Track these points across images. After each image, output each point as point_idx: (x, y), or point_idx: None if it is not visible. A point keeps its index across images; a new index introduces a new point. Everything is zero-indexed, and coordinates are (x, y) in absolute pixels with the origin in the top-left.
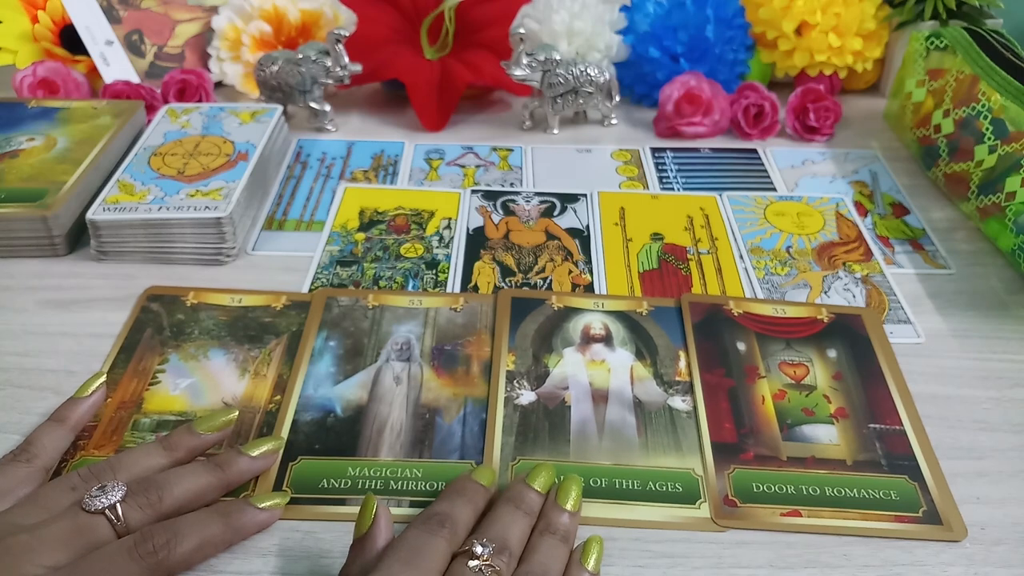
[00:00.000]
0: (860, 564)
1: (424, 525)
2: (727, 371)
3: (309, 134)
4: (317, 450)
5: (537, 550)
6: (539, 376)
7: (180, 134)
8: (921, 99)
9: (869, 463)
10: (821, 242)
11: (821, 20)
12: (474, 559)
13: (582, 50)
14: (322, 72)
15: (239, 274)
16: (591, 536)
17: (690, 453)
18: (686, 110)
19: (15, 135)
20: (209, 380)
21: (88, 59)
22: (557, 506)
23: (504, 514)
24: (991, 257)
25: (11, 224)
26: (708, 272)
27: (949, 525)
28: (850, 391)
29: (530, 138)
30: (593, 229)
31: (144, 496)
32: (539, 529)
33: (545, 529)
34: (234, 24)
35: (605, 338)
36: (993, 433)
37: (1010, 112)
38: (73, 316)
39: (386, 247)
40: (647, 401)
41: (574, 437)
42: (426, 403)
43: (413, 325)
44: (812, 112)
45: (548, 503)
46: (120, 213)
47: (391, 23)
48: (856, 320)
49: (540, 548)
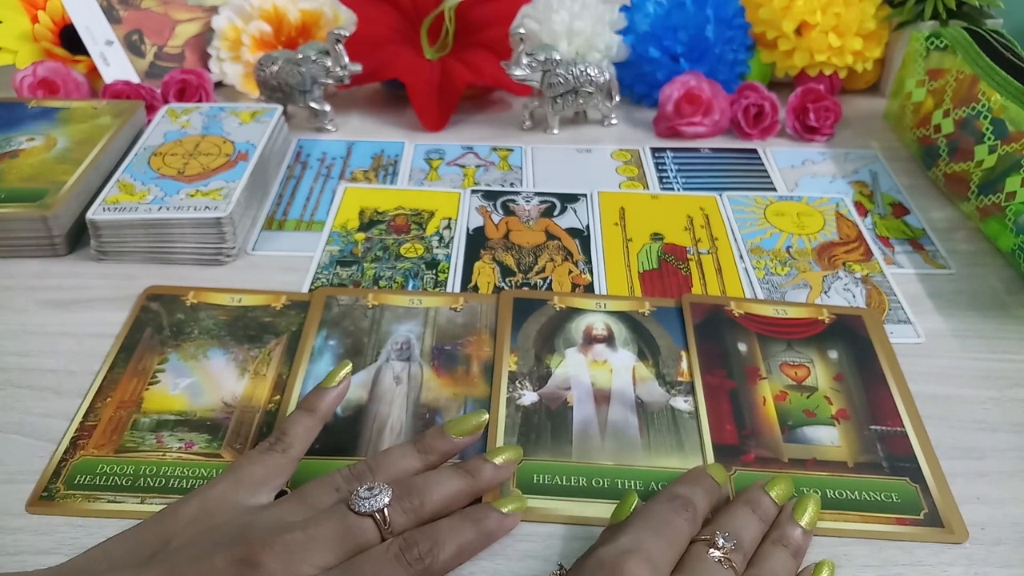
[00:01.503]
0: (860, 564)
1: (670, 504)
2: (728, 372)
3: (309, 134)
4: (317, 450)
5: (767, 559)
6: (541, 377)
7: (180, 134)
8: (921, 99)
9: (870, 465)
10: (821, 242)
11: (821, 20)
12: (715, 549)
13: (582, 50)
14: (322, 72)
15: (239, 274)
16: (824, 559)
17: (692, 454)
18: (686, 110)
19: (15, 135)
20: (209, 380)
21: (88, 59)
22: (793, 520)
23: (741, 514)
24: (991, 257)
25: (11, 224)
26: (708, 272)
27: (950, 528)
28: (851, 392)
29: (530, 138)
30: (593, 229)
31: (408, 500)
32: (772, 539)
33: (778, 540)
34: (234, 24)
35: (607, 338)
36: (993, 433)
37: (1010, 112)
38: (73, 316)
39: (386, 247)
40: (649, 402)
41: (576, 438)
42: (426, 403)
43: (413, 325)
44: (812, 112)
45: (784, 515)
46: (120, 213)
47: (391, 23)
48: (857, 321)
49: (771, 557)
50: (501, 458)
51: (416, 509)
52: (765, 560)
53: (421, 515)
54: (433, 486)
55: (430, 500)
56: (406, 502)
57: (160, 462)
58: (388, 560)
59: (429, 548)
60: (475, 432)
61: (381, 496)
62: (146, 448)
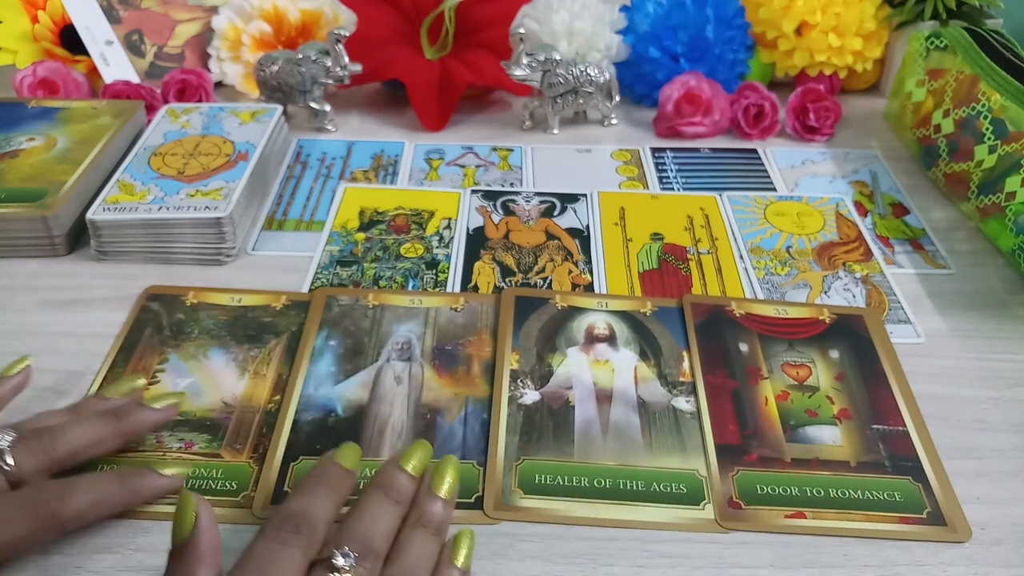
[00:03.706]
0: (860, 564)
1: (276, 533)
2: (730, 372)
3: (309, 134)
4: (318, 450)
5: (406, 548)
6: (543, 376)
7: (180, 134)
8: (921, 99)
9: (873, 464)
10: (821, 242)
11: (821, 20)
12: (335, 572)
13: (582, 50)
14: (322, 72)
15: (239, 274)
16: (462, 530)
17: (694, 454)
18: (686, 110)
19: (15, 135)
20: (209, 379)
21: (88, 59)
22: (431, 494)
23: (372, 504)
24: (991, 257)
25: (11, 224)
26: (708, 272)
27: (953, 526)
28: (853, 392)
29: (530, 138)
30: (593, 229)
31: (36, 441)
32: (411, 521)
33: (417, 521)
34: (234, 24)
35: (609, 338)
36: (993, 433)
37: (1010, 112)
38: (73, 316)
39: (386, 247)
40: (651, 402)
41: (578, 437)
42: (427, 403)
43: (413, 325)
44: (812, 112)
45: (422, 490)
46: (120, 213)
47: (391, 23)
48: (858, 321)
49: (410, 546)
50: (161, 403)
51: (46, 449)
52: (403, 551)
53: (53, 456)
54: (68, 427)
55: (63, 441)
56: (34, 443)
57: (160, 462)
58: (10, 504)
59: (59, 494)
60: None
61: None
62: (146, 448)
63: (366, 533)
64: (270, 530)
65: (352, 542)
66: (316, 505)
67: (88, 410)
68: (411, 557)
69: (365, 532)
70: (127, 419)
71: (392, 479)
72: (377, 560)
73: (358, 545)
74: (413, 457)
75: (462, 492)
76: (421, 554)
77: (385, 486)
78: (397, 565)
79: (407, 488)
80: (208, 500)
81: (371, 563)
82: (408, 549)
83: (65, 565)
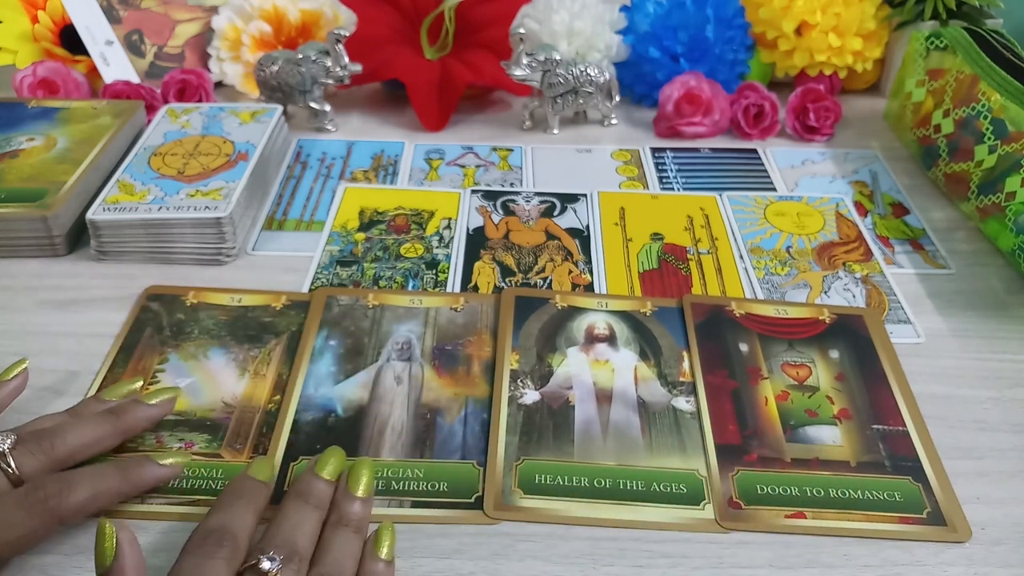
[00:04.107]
0: (860, 564)
1: (200, 549)
2: (730, 372)
3: (309, 134)
4: (318, 450)
5: (330, 548)
6: (543, 375)
7: (180, 134)
8: (921, 99)
9: (873, 464)
10: (821, 242)
11: (821, 20)
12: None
13: (582, 50)
14: (322, 72)
15: (239, 274)
16: (382, 524)
17: (694, 454)
18: (686, 110)
19: (15, 135)
20: (209, 379)
21: (88, 59)
22: (348, 494)
23: (292, 512)
24: (991, 257)
25: (11, 224)
26: (708, 272)
27: (953, 526)
28: (853, 392)
29: (530, 138)
30: (593, 229)
31: (36, 443)
32: (331, 522)
33: (338, 522)
34: (234, 24)
35: (609, 338)
36: (993, 433)
37: (1010, 112)
38: (73, 316)
39: (386, 247)
40: (651, 402)
41: (578, 437)
42: (427, 403)
43: (413, 325)
44: (812, 112)
45: (339, 492)
46: (120, 213)
47: (391, 23)
48: (858, 321)
49: (333, 545)
50: (156, 399)
51: (46, 451)
52: (327, 551)
53: (53, 456)
54: (68, 429)
55: (63, 442)
56: (34, 444)
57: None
58: (10, 503)
59: (57, 490)
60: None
61: (2, 442)
62: (146, 448)
63: (289, 537)
64: (192, 547)
65: (276, 547)
66: (235, 517)
67: (87, 412)
68: (336, 555)
69: (288, 536)
70: (124, 416)
71: (309, 485)
72: (302, 562)
73: (282, 549)
74: (328, 463)
75: (462, 492)
76: (345, 551)
77: (304, 493)
78: (323, 564)
79: (324, 493)
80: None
81: (297, 564)
82: (332, 548)
83: (64, 565)
